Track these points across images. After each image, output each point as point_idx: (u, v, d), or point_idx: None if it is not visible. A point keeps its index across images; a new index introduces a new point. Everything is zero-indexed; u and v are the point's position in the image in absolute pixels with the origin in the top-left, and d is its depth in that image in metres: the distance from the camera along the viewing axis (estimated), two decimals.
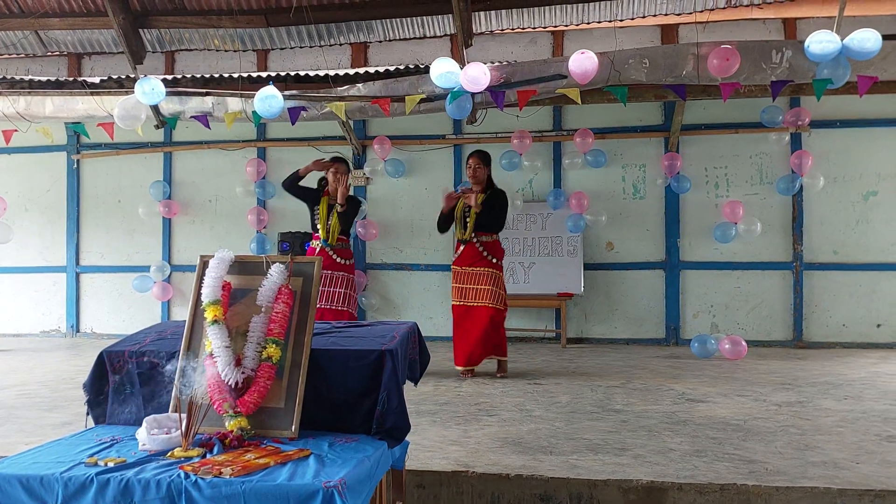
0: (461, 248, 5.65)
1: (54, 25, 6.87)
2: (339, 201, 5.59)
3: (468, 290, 5.58)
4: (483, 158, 5.69)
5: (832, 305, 7.65)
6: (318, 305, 5.52)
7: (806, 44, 5.12)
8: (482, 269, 5.55)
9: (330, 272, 5.59)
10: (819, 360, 6.63)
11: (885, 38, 5.07)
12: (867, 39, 4.97)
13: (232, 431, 2.25)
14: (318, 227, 5.65)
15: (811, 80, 5.36)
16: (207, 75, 7.04)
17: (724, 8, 6.83)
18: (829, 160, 7.62)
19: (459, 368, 5.64)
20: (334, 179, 5.64)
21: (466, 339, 5.57)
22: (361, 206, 5.88)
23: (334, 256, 5.64)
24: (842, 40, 5.04)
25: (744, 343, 6.49)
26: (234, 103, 6.57)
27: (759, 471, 3.01)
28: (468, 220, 5.59)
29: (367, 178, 8.36)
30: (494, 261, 5.61)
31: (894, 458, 3.22)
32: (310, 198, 5.77)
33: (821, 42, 5.05)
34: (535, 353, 7.02)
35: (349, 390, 2.44)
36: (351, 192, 5.88)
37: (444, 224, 5.81)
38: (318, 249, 5.63)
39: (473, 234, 5.57)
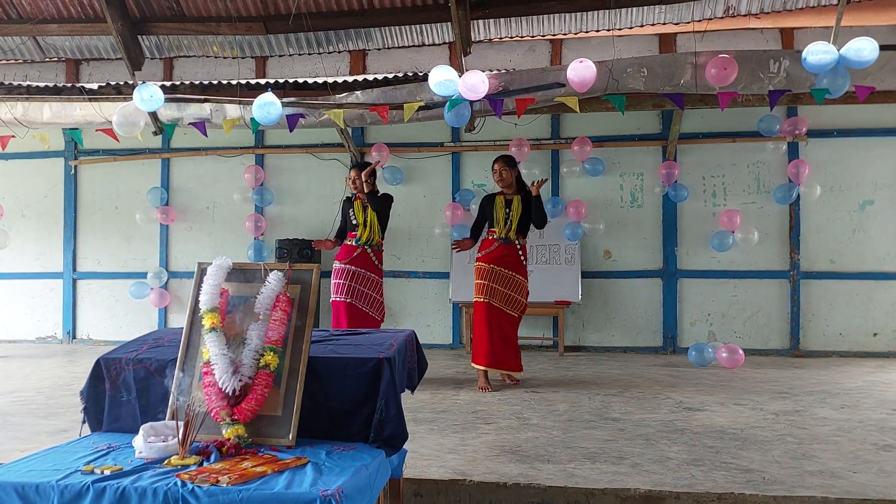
0: (494, 244, 5.47)
1: (53, 31, 6.88)
2: (365, 189, 5.60)
3: (498, 292, 5.42)
4: (507, 161, 5.59)
5: (829, 314, 7.66)
6: (346, 300, 5.50)
7: (803, 55, 5.14)
8: (512, 273, 5.45)
9: (364, 272, 5.59)
10: (816, 368, 6.64)
11: (882, 48, 5.10)
12: (864, 49, 4.99)
13: (229, 439, 2.24)
14: (357, 225, 5.63)
15: (809, 89, 5.39)
16: (206, 82, 7.05)
17: (721, 17, 6.86)
18: (825, 169, 7.65)
19: (482, 368, 5.42)
20: (354, 186, 5.71)
21: (505, 343, 5.45)
22: (386, 199, 5.85)
23: (372, 257, 5.66)
24: (839, 50, 5.06)
25: (741, 352, 6.49)
26: (232, 110, 6.58)
27: (757, 480, 3.01)
28: (511, 219, 5.47)
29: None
30: (525, 263, 5.54)
31: (891, 468, 3.22)
32: (346, 214, 5.76)
33: (817, 53, 5.06)
34: (532, 361, 7.01)
35: (347, 398, 2.44)
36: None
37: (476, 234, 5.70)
38: (358, 251, 5.61)
39: (514, 235, 5.47)
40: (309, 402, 2.41)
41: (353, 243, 5.63)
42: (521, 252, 5.53)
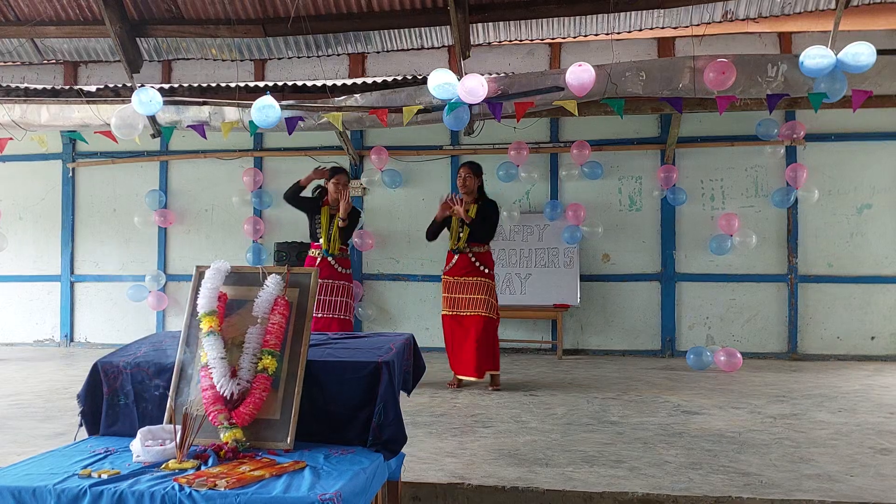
0: (454, 258, 5.64)
1: (51, 33, 6.86)
2: (341, 215, 5.54)
3: (459, 300, 5.58)
4: (473, 168, 5.68)
5: (827, 318, 7.66)
6: (317, 314, 5.53)
7: (800, 59, 5.15)
8: (474, 278, 5.58)
9: (330, 281, 5.58)
10: (813, 372, 6.64)
11: (879, 52, 5.11)
12: (861, 54, 5.00)
13: (227, 443, 2.24)
14: (320, 236, 5.62)
15: (807, 93, 5.39)
16: (204, 84, 7.05)
17: (720, 22, 6.87)
18: (823, 173, 7.66)
19: (459, 378, 5.64)
20: (335, 190, 5.63)
21: (460, 348, 5.56)
22: (360, 216, 5.91)
23: (335, 265, 5.63)
24: (836, 55, 5.07)
25: (739, 355, 6.50)
26: (231, 113, 6.57)
27: (754, 483, 3.01)
28: (462, 231, 5.61)
29: (364, 188, 8.37)
30: (486, 271, 5.62)
31: (888, 471, 3.22)
32: (309, 208, 5.74)
33: (815, 57, 5.08)
34: (531, 364, 7.02)
35: (345, 402, 2.43)
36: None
37: (433, 233, 5.80)
38: (318, 259, 5.61)
39: (466, 245, 5.58)
40: (307, 406, 2.40)
41: (314, 254, 5.65)
42: (476, 261, 5.59)
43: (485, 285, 5.57)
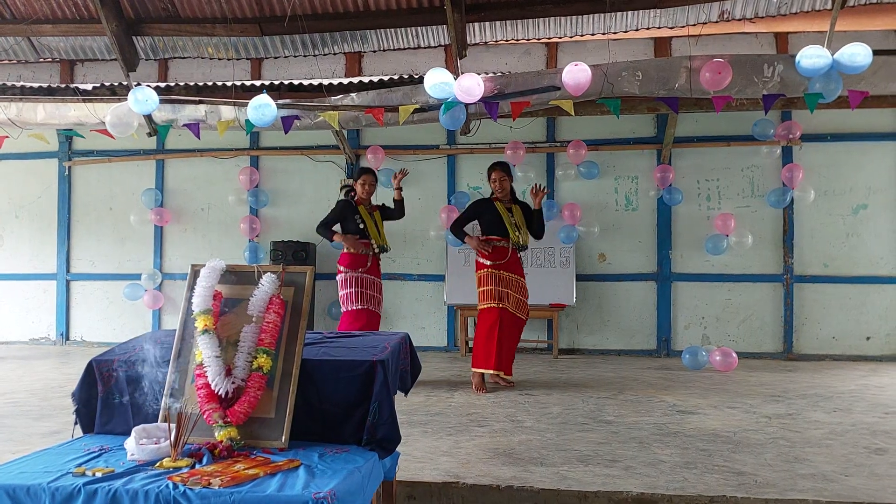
0: (508, 252, 5.47)
1: (47, 32, 6.85)
2: (395, 197, 5.88)
3: (508, 296, 5.46)
4: (506, 171, 5.62)
5: (822, 318, 7.68)
6: (369, 308, 5.47)
7: (797, 59, 5.16)
8: (516, 276, 5.51)
9: (374, 278, 5.61)
10: (809, 372, 6.66)
11: (875, 52, 5.12)
12: (857, 54, 5.02)
13: (221, 442, 2.24)
14: (369, 234, 5.60)
15: (803, 94, 5.40)
16: (201, 83, 7.03)
17: (716, 22, 6.89)
18: (819, 173, 7.68)
19: (489, 372, 5.40)
20: (363, 190, 5.70)
21: (505, 345, 5.44)
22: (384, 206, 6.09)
23: (379, 263, 5.68)
24: (833, 55, 5.08)
25: (734, 355, 6.51)
26: (227, 111, 6.55)
27: (749, 483, 3.02)
28: (518, 224, 5.50)
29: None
30: (524, 271, 5.65)
31: (883, 471, 3.23)
32: (344, 216, 5.68)
33: (811, 57, 5.09)
34: (526, 363, 7.02)
35: (340, 401, 2.44)
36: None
37: (459, 232, 5.67)
38: (370, 260, 5.58)
39: (526, 244, 5.56)
40: (302, 405, 2.40)
41: (365, 252, 5.60)
42: (521, 259, 5.63)
43: (523, 286, 5.56)
